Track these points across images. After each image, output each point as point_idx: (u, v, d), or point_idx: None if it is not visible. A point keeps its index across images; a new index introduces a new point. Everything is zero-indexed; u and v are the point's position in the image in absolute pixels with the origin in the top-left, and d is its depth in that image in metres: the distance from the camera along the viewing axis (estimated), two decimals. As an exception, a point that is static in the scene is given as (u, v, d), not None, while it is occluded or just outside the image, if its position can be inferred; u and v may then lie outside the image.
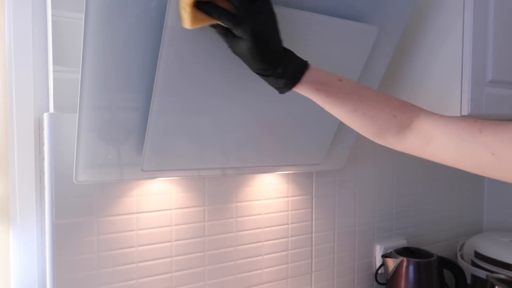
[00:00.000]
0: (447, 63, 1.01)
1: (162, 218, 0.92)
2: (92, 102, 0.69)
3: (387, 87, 1.11)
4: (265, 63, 0.63)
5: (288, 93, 0.83)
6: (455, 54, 0.99)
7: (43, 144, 0.80)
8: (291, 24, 0.74)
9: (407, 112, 0.69)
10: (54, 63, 0.79)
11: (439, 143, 0.66)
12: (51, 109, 0.81)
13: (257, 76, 0.68)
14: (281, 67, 0.64)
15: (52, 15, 0.79)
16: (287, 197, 1.10)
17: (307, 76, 0.66)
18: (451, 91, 1.00)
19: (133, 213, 0.88)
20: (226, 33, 0.63)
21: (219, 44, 0.70)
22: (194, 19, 0.60)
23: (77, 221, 0.82)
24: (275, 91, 0.70)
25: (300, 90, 0.67)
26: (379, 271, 1.26)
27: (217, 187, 0.99)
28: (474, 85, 0.98)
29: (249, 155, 0.88)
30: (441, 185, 1.45)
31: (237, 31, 0.61)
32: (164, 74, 0.68)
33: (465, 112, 0.97)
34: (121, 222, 0.87)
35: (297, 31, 0.75)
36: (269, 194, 1.06)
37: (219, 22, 0.61)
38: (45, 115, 0.78)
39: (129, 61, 0.68)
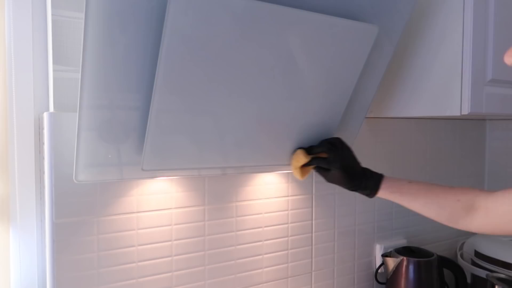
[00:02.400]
0: (447, 63, 1.01)
1: (162, 218, 0.92)
2: (92, 101, 0.69)
3: (387, 86, 1.12)
4: (352, 184, 0.88)
5: (288, 94, 0.84)
6: (455, 53, 0.99)
7: (43, 144, 0.80)
8: (291, 23, 0.74)
9: (468, 194, 0.83)
10: (54, 63, 0.79)
11: (493, 214, 0.78)
12: (51, 109, 0.81)
13: (257, 76, 0.73)
14: (363, 183, 0.88)
15: (52, 15, 0.79)
16: (287, 196, 1.10)
17: (383, 185, 0.88)
18: (451, 91, 1.00)
19: (133, 213, 0.88)
20: (322, 170, 0.89)
21: (219, 44, 0.70)
22: (302, 174, 0.90)
23: (77, 221, 0.82)
24: (275, 91, 0.78)
25: (380, 195, 0.89)
26: (379, 271, 1.26)
27: (217, 186, 0.99)
28: (474, 85, 0.97)
29: (249, 155, 0.88)
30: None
31: (330, 167, 0.87)
32: (164, 73, 0.68)
33: (465, 112, 0.97)
34: (121, 221, 0.87)
35: (297, 31, 0.75)
36: (269, 194, 1.06)
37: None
38: (45, 115, 0.78)
39: (129, 61, 0.68)
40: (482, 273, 1.24)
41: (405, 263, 1.18)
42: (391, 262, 1.20)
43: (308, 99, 0.86)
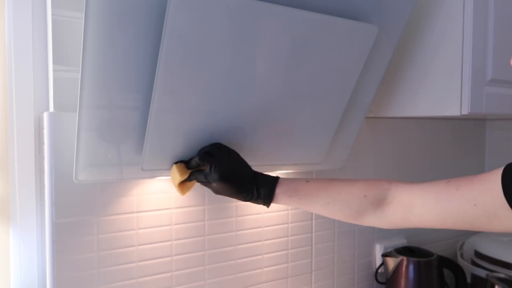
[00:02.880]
0: (447, 62, 1.01)
1: (162, 217, 0.92)
2: (92, 101, 0.69)
3: (387, 86, 1.11)
4: (241, 194, 0.77)
5: (288, 93, 0.84)
6: (455, 53, 0.99)
7: (43, 143, 0.80)
8: (291, 23, 0.74)
9: (376, 189, 0.75)
10: (54, 62, 0.79)
11: (422, 209, 0.71)
12: (51, 108, 0.81)
13: (256, 76, 0.73)
14: (255, 192, 0.77)
15: (52, 14, 0.79)
16: (287, 196, 1.10)
17: (278, 189, 0.77)
18: (451, 91, 1.00)
19: (133, 212, 0.88)
20: (206, 184, 0.78)
21: (219, 44, 0.70)
22: (183, 190, 0.80)
23: (77, 220, 0.82)
24: (275, 91, 0.76)
25: (277, 202, 0.78)
26: (379, 270, 1.26)
27: (217, 186, 0.99)
28: (474, 85, 0.97)
29: (249, 154, 0.88)
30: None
31: (210, 181, 0.76)
32: (164, 73, 0.68)
33: (465, 112, 0.97)
34: (121, 221, 0.87)
35: (297, 30, 0.75)
36: (269, 194, 1.06)
37: None
38: (45, 114, 0.78)
39: (129, 61, 0.68)
40: (482, 273, 1.24)
41: (405, 263, 1.18)
42: (391, 262, 1.20)
43: (308, 99, 0.86)
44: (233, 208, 1.01)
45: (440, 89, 1.02)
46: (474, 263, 1.29)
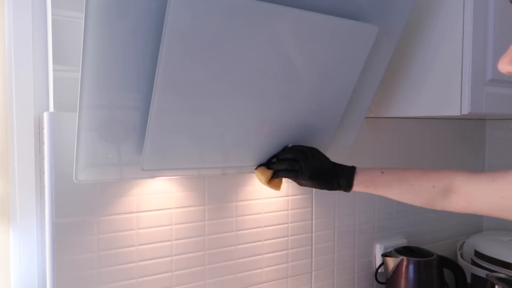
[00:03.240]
0: (447, 62, 1.01)
1: (162, 217, 0.92)
2: (92, 101, 0.69)
3: (387, 86, 1.11)
4: (325, 186, 0.87)
5: (288, 93, 0.84)
6: (455, 53, 0.99)
7: (43, 143, 0.80)
8: (291, 23, 0.74)
9: (443, 179, 0.82)
10: (54, 62, 0.79)
11: (475, 200, 0.79)
12: (51, 108, 0.81)
13: (257, 76, 0.74)
14: (336, 182, 0.86)
15: (52, 14, 0.79)
16: (287, 196, 1.10)
17: (356, 180, 0.86)
18: (451, 90, 1.00)
19: (133, 212, 0.88)
20: (292, 178, 0.87)
21: (219, 43, 0.70)
22: (277, 186, 0.88)
23: (77, 220, 0.82)
24: (275, 91, 0.78)
25: (355, 189, 0.87)
26: (379, 270, 1.26)
27: (217, 186, 0.99)
28: (474, 85, 0.97)
29: (249, 154, 0.88)
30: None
31: (298, 175, 0.85)
32: (164, 73, 0.68)
33: (465, 111, 0.97)
34: (121, 221, 0.87)
35: (297, 30, 0.75)
36: (269, 193, 1.06)
37: None
38: (45, 114, 0.78)
39: (129, 60, 0.68)
40: (482, 273, 1.24)
41: (405, 263, 1.18)
42: (391, 262, 1.20)
43: (308, 98, 0.86)
44: (233, 208, 1.01)
45: (440, 89, 1.02)
46: (474, 263, 1.29)
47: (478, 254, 1.29)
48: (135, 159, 0.77)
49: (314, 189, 1.14)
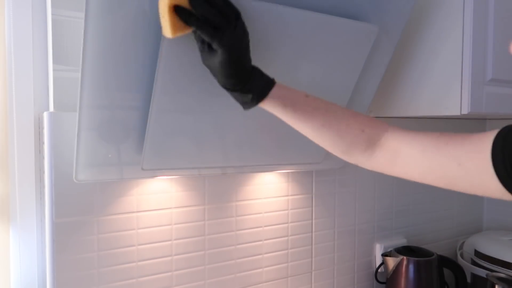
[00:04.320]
0: (447, 62, 1.01)
1: (162, 217, 0.92)
2: (92, 101, 0.69)
3: (387, 86, 1.11)
4: (235, 78, 0.64)
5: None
6: (455, 53, 0.99)
7: (43, 143, 0.80)
8: (291, 23, 0.74)
9: (376, 127, 0.69)
10: (54, 62, 0.79)
11: (407, 158, 0.66)
12: (51, 108, 0.81)
13: None
14: (249, 83, 0.65)
15: (52, 14, 0.79)
16: (287, 196, 1.10)
17: (274, 91, 0.66)
18: (451, 90, 1.00)
19: (133, 212, 0.88)
20: (202, 44, 0.63)
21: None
22: (174, 27, 0.59)
23: (77, 220, 0.82)
24: None
25: (267, 105, 0.67)
26: (379, 270, 1.26)
27: (217, 186, 0.99)
28: (474, 84, 0.97)
29: (249, 154, 0.88)
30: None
31: (214, 44, 0.60)
32: (164, 73, 0.68)
33: (465, 111, 0.97)
34: (121, 221, 0.87)
35: (297, 30, 0.75)
36: (269, 193, 1.06)
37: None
38: (45, 114, 0.78)
39: (129, 60, 0.68)
40: (482, 273, 1.24)
41: (405, 262, 1.18)
42: (391, 262, 1.20)
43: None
44: (233, 207, 1.01)
45: (440, 88, 1.02)
46: (474, 263, 1.29)
47: (478, 254, 1.29)
48: (135, 159, 0.77)
49: (314, 189, 1.14)
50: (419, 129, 0.71)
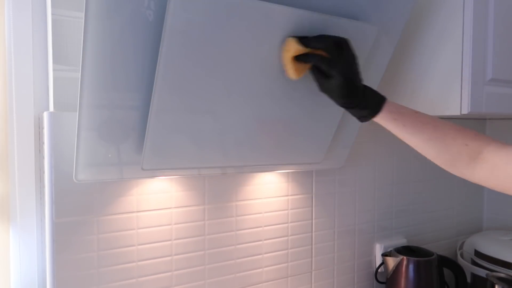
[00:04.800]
0: (447, 62, 1.01)
1: (162, 217, 0.92)
2: (92, 101, 0.69)
3: (387, 86, 1.11)
4: (351, 97, 0.74)
5: (288, 93, 0.84)
6: (455, 53, 0.99)
7: (43, 143, 0.80)
8: (292, 23, 0.74)
9: (479, 141, 0.73)
10: (54, 62, 0.79)
11: (503, 172, 0.70)
12: (51, 108, 0.81)
13: (257, 76, 0.71)
14: (364, 100, 0.75)
15: (52, 14, 0.79)
16: (287, 195, 1.10)
17: (386, 107, 0.75)
18: (451, 90, 1.00)
19: (133, 212, 0.88)
20: (319, 74, 0.75)
21: (219, 43, 0.70)
22: (297, 71, 0.74)
23: (77, 220, 0.82)
24: (275, 91, 0.75)
25: (380, 119, 0.76)
26: (379, 270, 1.26)
27: (217, 186, 0.99)
28: (474, 84, 0.97)
29: (249, 154, 0.88)
30: (441, 183, 1.45)
31: (330, 72, 0.72)
32: (164, 73, 0.68)
33: (465, 111, 0.97)
34: (121, 220, 0.87)
35: (296, 30, 0.75)
36: (269, 193, 1.06)
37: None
38: (45, 114, 0.78)
39: (129, 60, 0.68)
40: (482, 273, 1.24)
41: (405, 262, 1.18)
42: (391, 262, 1.20)
43: (308, 98, 0.86)
44: (233, 207, 1.01)
45: (440, 88, 1.02)
46: (474, 263, 1.29)
47: (478, 253, 1.29)
48: (135, 159, 0.77)
49: (314, 189, 1.14)
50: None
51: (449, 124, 0.76)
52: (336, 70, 0.71)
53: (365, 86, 0.76)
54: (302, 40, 0.73)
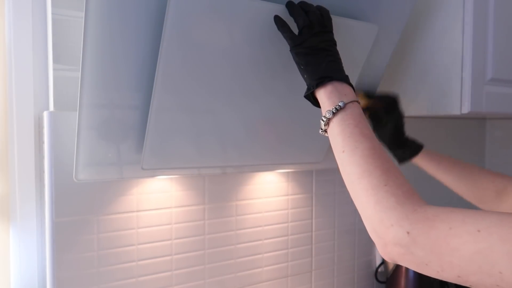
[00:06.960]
0: (447, 62, 1.01)
1: (162, 216, 0.92)
2: (92, 100, 0.69)
3: (387, 86, 1.11)
4: (398, 142, 0.92)
5: (288, 93, 0.84)
6: (455, 52, 0.99)
7: (43, 143, 0.80)
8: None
9: (503, 178, 0.84)
10: (54, 61, 0.79)
11: None
12: (51, 107, 0.81)
13: (256, 76, 0.72)
14: (407, 145, 0.92)
15: (52, 13, 0.79)
16: (287, 195, 1.10)
17: (423, 151, 0.92)
18: (451, 90, 1.00)
19: (133, 211, 0.88)
20: (376, 120, 0.91)
21: (219, 42, 0.70)
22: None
23: (77, 220, 0.82)
24: (275, 90, 0.76)
25: (418, 160, 0.92)
26: (379, 270, 1.26)
27: (217, 185, 0.99)
28: (474, 84, 0.98)
29: (249, 154, 0.88)
30: (441, 183, 1.45)
31: (388, 121, 0.90)
32: (164, 72, 0.68)
33: (465, 111, 0.97)
34: (121, 220, 0.87)
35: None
36: (269, 193, 1.06)
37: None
38: (45, 113, 0.78)
39: (129, 60, 0.68)
40: (482, 272, 1.23)
41: (405, 262, 1.18)
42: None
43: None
44: (233, 207, 1.01)
45: (440, 88, 1.02)
46: (474, 263, 1.29)
47: (478, 253, 1.29)
48: (135, 158, 0.77)
49: (314, 189, 1.14)
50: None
51: (474, 165, 0.89)
52: (391, 118, 0.90)
53: (407, 137, 0.93)
54: (367, 93, 0.93)
